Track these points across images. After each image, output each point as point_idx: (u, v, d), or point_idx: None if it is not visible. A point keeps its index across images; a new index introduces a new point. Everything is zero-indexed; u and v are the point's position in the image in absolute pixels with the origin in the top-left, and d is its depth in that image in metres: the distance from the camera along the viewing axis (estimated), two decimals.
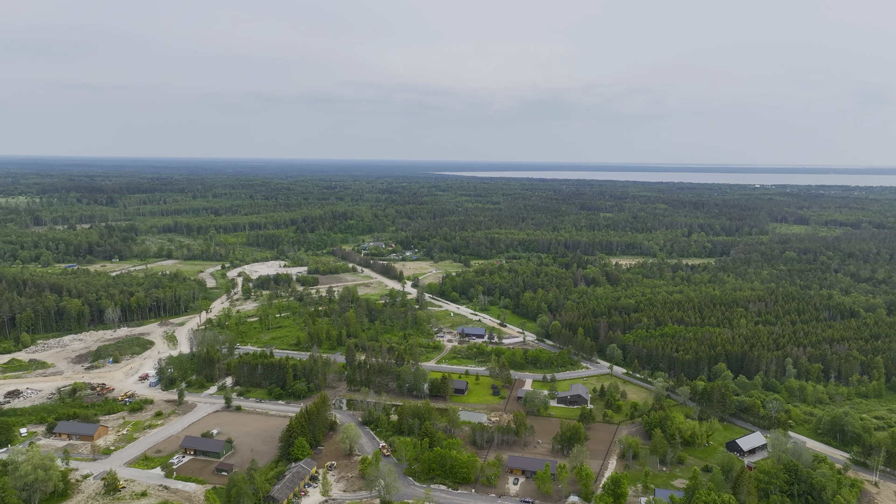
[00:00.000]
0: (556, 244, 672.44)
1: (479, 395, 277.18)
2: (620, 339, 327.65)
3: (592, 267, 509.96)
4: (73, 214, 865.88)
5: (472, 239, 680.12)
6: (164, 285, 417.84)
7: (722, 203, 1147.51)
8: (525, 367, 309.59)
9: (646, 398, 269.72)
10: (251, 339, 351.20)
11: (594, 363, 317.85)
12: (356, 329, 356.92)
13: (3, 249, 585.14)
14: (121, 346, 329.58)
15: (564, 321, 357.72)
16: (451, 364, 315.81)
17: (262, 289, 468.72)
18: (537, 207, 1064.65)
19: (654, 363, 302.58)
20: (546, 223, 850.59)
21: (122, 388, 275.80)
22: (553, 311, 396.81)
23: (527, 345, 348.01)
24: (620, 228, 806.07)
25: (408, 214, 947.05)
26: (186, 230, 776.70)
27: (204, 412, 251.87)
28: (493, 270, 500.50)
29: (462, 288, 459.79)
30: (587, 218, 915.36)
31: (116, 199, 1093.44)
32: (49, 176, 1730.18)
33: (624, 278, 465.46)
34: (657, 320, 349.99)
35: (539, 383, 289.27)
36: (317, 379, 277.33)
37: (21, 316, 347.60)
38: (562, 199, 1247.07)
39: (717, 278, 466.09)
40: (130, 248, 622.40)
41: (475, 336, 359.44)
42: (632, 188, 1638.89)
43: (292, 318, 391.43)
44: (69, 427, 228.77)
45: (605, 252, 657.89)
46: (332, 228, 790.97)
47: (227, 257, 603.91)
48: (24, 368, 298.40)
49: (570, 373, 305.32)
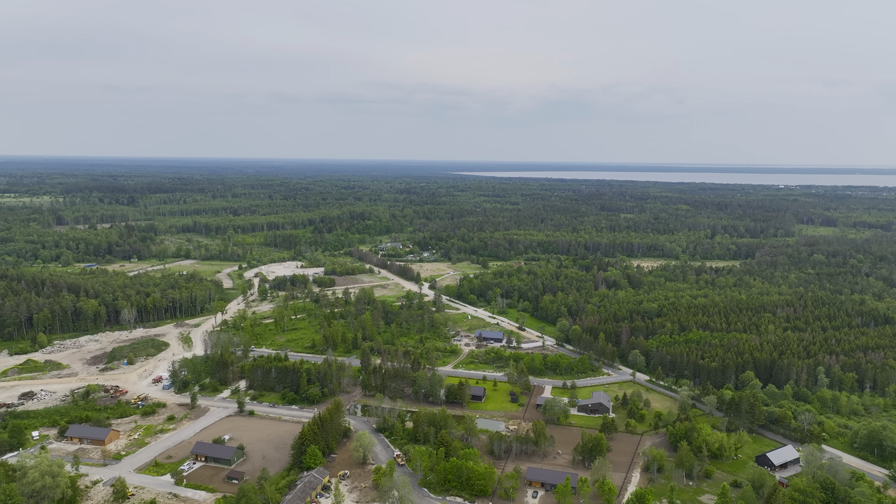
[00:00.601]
0: (575, 246, 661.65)
1: (497, 401, 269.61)
2: (643, 344, 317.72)
3: (613, 269, 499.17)
4: (95, 214, 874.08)
5: (490, 240, 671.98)
6: (180, 286, 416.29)
7: (745, 204, 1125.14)
8: (544, 373, 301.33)
9: (670, 407, 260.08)
10: (266, 341, 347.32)
11: (616, 370, 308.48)
12: (372, 332, 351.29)
13: (25, 249, 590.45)
14: (136, 347, 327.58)
15: (585, 325, 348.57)
16: (468, 369, 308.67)
17: (278, 290, 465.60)
18: (556, 208, 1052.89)
19: (679, 370, 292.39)
20: (565, 224, 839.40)
21: (135, 391, 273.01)
22: (573, 314, 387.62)
23: (546, 349, 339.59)
24: (641, 230, 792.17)
25: (426, 215, 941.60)
26: (205, 230, 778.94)
27: (216, 417, 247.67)
28: (512, 272, 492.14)
29: (480, 290, 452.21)
30: (607, 219, 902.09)
31: (137, 199, 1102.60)
32: (73, 176, 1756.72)
33: (646, 281, 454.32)
34: (681, 325, 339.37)
35: (559, 390, 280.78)
36: (331, 384, 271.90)
37: (38, 316, 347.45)
38: (581, 200, 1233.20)
39: (742, 282, 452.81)
40: (149, 247, 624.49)
41: (493, 340, 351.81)
42: (652, 188, 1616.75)
43: (308, 320, 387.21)
44: (81, 431, 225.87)
45: (625, 254, 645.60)
46: (349, 229, 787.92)
47: (244, 258, 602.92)
48: (39, 369, 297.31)
49: (590, 379, 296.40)
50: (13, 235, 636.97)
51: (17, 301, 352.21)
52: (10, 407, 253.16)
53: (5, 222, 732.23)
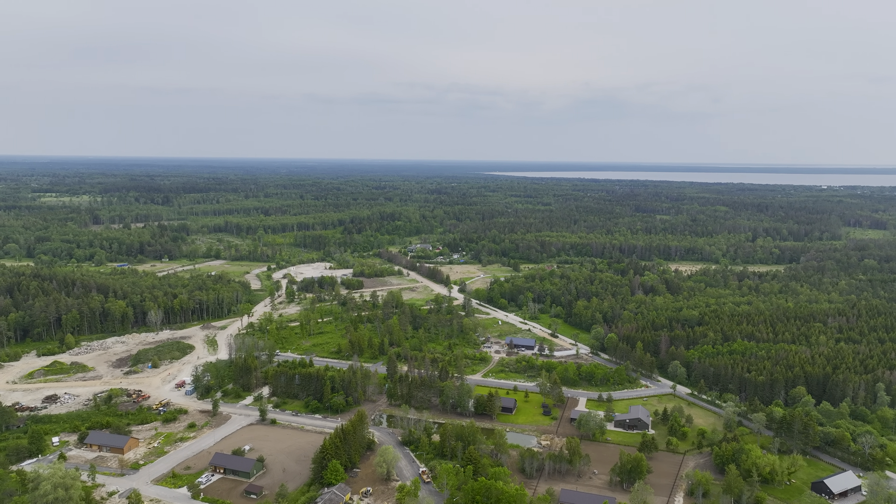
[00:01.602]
0: (610, 248, 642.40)
1: (529, 414, 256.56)
2: (684, 355, 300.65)
3: (650, 274, 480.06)
4: (130, 213, 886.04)
5: (521, 242, 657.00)
6: (207, 287, 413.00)
7: (787, 205, 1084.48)
8: (578, 383, 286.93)
9: (714, 424, 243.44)
10: (292, 345, 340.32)
11: (655, 381, 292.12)
12: (399, 337, 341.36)
13: (60, 248, 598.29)
14: (160, 350, 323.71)
15: (621, 334, 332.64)
16: (498, 378, 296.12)
17: (305, 292, 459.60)
18: (590, 209, 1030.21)
19: (723, 384, 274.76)
20: (599, 226, 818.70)
21: (157, 396, 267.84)
22: (608, 321, 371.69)
23: (580, 358, 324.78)
24: (679, 232, 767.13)
25: (456, 216, 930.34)
26: (236, 230, 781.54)
27: (238, 425, 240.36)
28: (544, 276, 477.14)
29: (511, 294, 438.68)
30: (643, 220, 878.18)
31: (172, 199, 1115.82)
32: (113, 176, 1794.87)
33: (685, 287, 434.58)
34: (724, 335, 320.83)
35: (594, 403, 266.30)
36: (355, 392, 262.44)
37: (67, 317, 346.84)
38: (615, 201, 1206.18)
39: (788, 288, 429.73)
40: (180, 247, 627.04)
41: (524, 347, 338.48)
42: (689, 189, 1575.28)
43: (335, 324, 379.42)
44: (100, 438, 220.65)
45: (662, 257, 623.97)
46: (379, 229, 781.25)
47: (273, 258, 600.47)
48: (64, 371, 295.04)
49: (627, 391, 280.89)
50: (50, 234, 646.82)
51: (47, 301, 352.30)
52: (34, 410, 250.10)
53: (44, 221, 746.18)
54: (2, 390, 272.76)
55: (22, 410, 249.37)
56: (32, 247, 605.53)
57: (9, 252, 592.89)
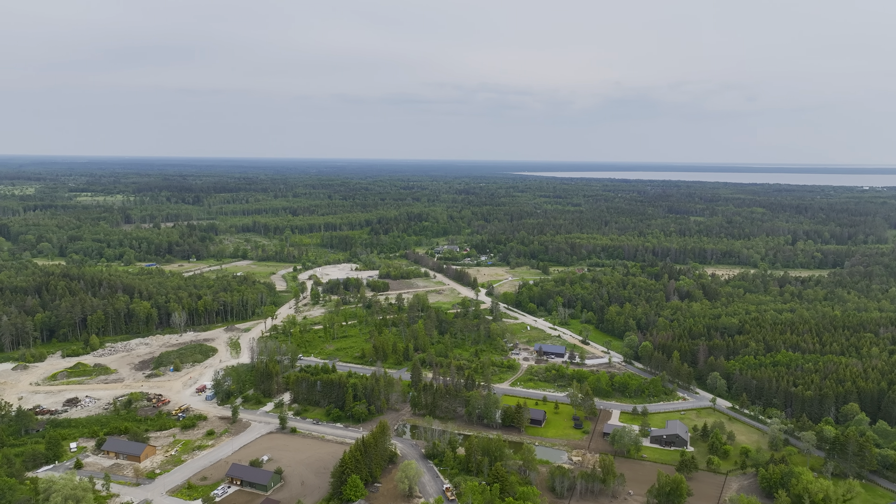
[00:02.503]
0: (642, 251, 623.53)
1: (559, 427, 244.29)
2: (723, 366, 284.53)
3: (686, 278, 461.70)
4: (161, 213, 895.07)
5: (551, 244, 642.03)
6: (232, 289, 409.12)
7: (828, 207, 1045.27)
8: (611, 394, 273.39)
9: (758, 442, 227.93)
10: (315, 349, 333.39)
11: (692, 394, 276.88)
12: (424, 343, 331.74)
13: (91, 247, 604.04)
14: (183, 353, 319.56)
15: (656, 342, 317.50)
16: (526, 387, 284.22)
17: (331, 293, 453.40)
18: (621, 210, 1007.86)
19: (767, 398, 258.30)
20: (631, 227, 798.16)
21: (177, 401, 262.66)
22: (642, 328, 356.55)
23: (612, 367, 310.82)
24: (714, 234, 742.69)
25: (484, 216, 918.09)
26: (264, 230, 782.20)
27: (257, 433, 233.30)
28: (575, 280, 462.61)
29: (540, 298, 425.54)
30: (676, 222, 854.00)
31: (203, 199, 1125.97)
32: (147, 175, 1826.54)
33: (723, 292, 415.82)
34: (767, 345, 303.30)
35: (628, 416, 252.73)
36: (378, 401, 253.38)
37: (92, 318, 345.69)
38: (647, 202, 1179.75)
39: (834, 295, 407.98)
40: (208, 247, 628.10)
41: (554, 355, 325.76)
42: (723, 190, 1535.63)
43: (359, 327, 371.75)
44: (117, 445, 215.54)
45: (697, 261, 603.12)
46: (406, 230, 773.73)
47: (299, 259, 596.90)
48: (87, 374, 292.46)
49: (664, 404, 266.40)
50: (82, 234, 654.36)
51: (73, 302, 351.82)
52: (54, 414, 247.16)
53: (77, 220, 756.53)
54: (25, 392, 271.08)
55: (42, 414, 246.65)
56: (65, 246, 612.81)
57: (42, 251, 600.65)
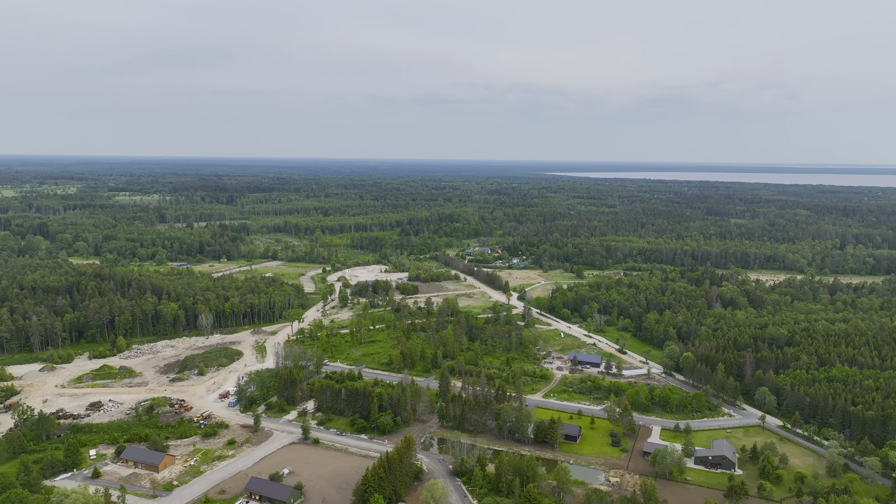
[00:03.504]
0: (681, 254, 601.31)
1: (595, 444, 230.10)
2: (773, 380, 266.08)
3: (728, 284, 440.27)
4: (195, 213, 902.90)
5: (585, 246, 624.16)
6: (259, 290, 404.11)
7: (878, 209, 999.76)
8: (651, 409, 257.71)
9: (814, 467, 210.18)
10: (341, 354, 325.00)
11: (739, 410, 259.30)
12: (454, 349, 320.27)
13: (125, 247, 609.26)
14: (208, 356, 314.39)
15: (699, 353, 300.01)
16: (560, 399, 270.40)
17: (359, 296, 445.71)
18: (657, 212, 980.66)
19: (822, 417, 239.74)
20: (668, 230, 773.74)
21: (200, 407, 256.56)
22: (683, 337, 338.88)
23: (651, 379, 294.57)
24: (756, 237, 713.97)
25: (516, 217, 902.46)
26: (294, 230, 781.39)
27: (279, 443, 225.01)
28: (611, 285, 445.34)
29: (574, 304, 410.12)
30: (715, 224, 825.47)
31: (236, 198, 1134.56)
32: (184, 175, 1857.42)
33: (769, 300, 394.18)
34: (820, 359, 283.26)
35: (669, 433, 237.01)
36: (404, 412, 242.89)
37: (119, 319, 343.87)
38: (685, 203, 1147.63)
39: (891, 304, 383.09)
40: (238, 248, 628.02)
41: (589, 364, 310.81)
42: (764, 191, 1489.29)
43: (387, 332, 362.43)
44: (136, 454, 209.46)
45: (739, 265, 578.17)
46: (436, 231, 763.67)
47: (329, 260, 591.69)
48: (112, 376, 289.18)
49: (708, 421, 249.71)
50: (117, 233, 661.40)
51: (101, 303, 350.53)
52: (76, 418, 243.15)
53: (113, 220, 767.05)
54: (50, 394, 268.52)
55: (65, 418, 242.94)
56: (100, 245, 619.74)
57: (78, 250, 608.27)
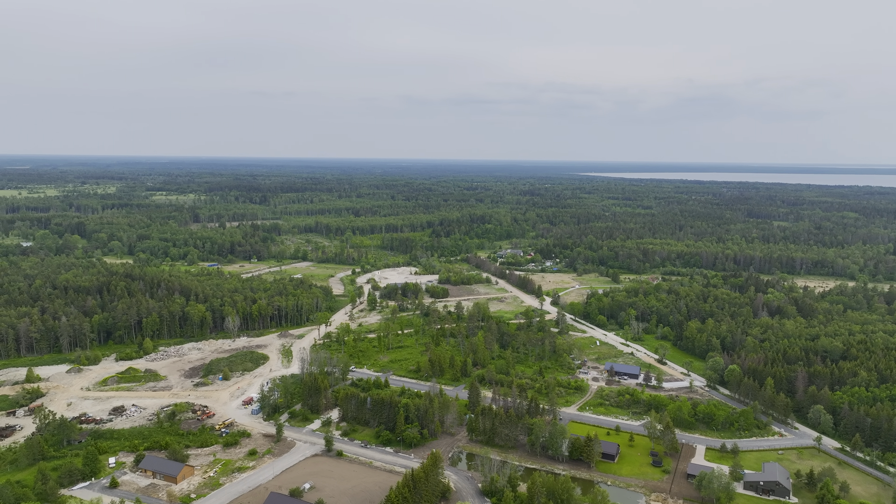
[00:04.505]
0: (722, 259, 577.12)
1: (634, 463, 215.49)
2: (828, 397, 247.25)
3: (775, 291, 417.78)
4: (228, 212, 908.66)
5: (621, 249, 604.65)
6: (287, 293, 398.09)
7: None
8: (695, 426, 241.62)
9: (879, 496, 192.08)
10: (368, 360, 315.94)
11: (791, 429, 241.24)
12: (484, 357, 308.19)
13: (157, 246, 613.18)
14: (233, 360, 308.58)
15: (745, 365, 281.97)
16: (596, 413, 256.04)
17: (388, 299, 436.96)
18: (696, 214, 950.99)
19: (886, 440, 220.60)
20: (708, 232, 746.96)
21: (222, 414, 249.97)
22: (727, 348, 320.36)
23: (694, 392, 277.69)
24: (802, 241, 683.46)
25: (549, 219, 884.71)
26: (325, 230, 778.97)
27: (301, 455, 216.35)
28: (649, 290, 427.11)
29: (610, 310, 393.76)
30: (758, 227, 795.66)
31: (269, 198, 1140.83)
32: (220, 175, 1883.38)
33: (820, 309, 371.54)
34: (880, 375, 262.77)
35: (715, 453, 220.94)
36: (432, 424, 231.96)
37: (147, 321, 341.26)
38: (724, 205, 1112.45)
39: None
40: (269, 248, 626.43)
41: (627, 376, 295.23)
42: (807, 192, 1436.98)
43: (415, 337, 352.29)
44: (154, 463, 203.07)
45: (784, 271, 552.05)
46: (468, 233, 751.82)
47: (359, 261, 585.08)
48: (136, 380, 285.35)
49: (757, 440, 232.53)
50: (150, 233, 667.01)
51: (129, 304, 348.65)
52: (98, 423, 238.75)
53: (148, 219, 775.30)
54: (74, 397, 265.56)
55: (87, 422, 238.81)
56: (133, 244, 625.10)
57: (112, 249, 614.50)
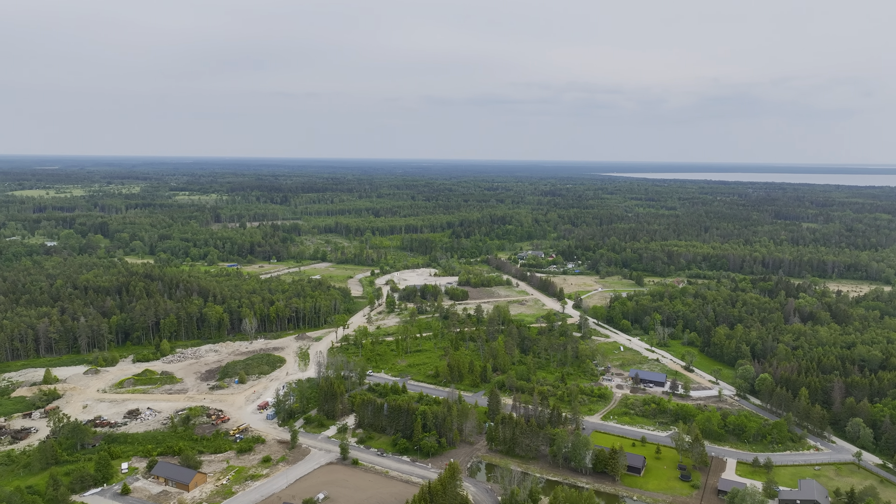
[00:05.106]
0: (750, 261, 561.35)
1: (661, 477, 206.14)
2: (867, 410, 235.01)
3: (806, 296, 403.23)
4: (249, 212, 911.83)
5: (644, 251, 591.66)
6: (305, 294, 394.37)
7: None
8: (725, 438, 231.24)
9: None
10: (386, 364, 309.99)
11: (827, 443, 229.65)
12: (504, 363, 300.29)
13: (178, 246, 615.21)
14: (249, 363, 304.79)
15: (777, 374, 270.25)
16: (621, 422, 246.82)
17: (407, 301, 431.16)
18: (722, 215, 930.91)
19: None
20: (734, 234, 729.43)
21: (237, 418, 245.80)
22: (757, 356, 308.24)
23: (723, 402, 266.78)
24: (833, 244, 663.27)
25: (571, 220, 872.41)
26: (345, 231, 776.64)
27: (315, 463, 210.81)
28: (674, 294, 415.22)
29: (634, 314, 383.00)
30: (786, 229, 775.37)
31: (290, 198, 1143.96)
32: (242, 175, 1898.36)
33: (855, 315, 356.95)
34: None
35: (747, 467, 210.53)
36: (450, 432, 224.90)
37: (164, 322, 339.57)
38: (751, 206, 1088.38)
39: None
40: (288, 248, 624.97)
41: (653, 383, 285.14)
42: (837, 193, 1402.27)
43: (434, 341, 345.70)
44: (167, 470, 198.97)
45: (816, 274, 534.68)
46: (488, 234, 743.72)
47: (378, 262, 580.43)
48: (152, 382, 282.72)
49: (791, 455, 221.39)
50: (172, 233, 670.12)
51: (147, 304, 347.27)
52: (113, 427, 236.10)
53: (170, 219, 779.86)
54: (90, 400, 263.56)
55: (102, 426, 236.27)
56: (155, 244, 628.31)
57: (134, 249, 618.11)
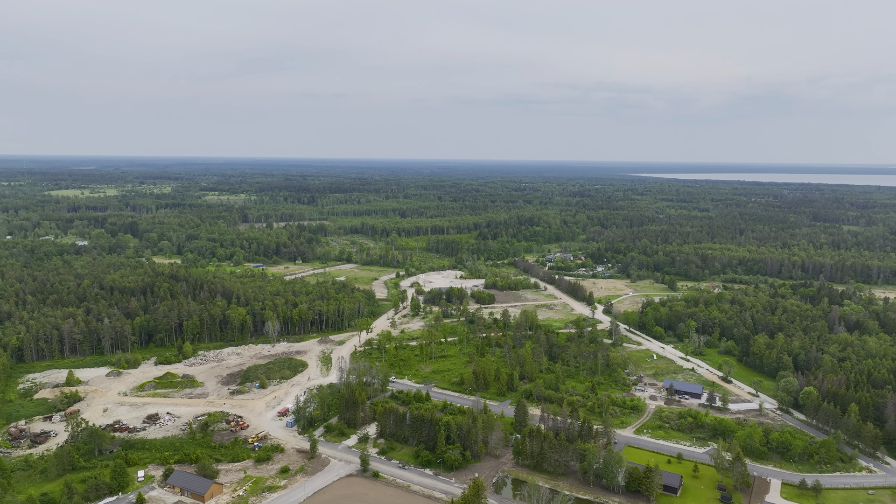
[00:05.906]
0: (788, 266, 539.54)
1: (699, 498, 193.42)
2: None
3: (851, 303, 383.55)
4: (276, 213, 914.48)
5: (677, 255, 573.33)
6: (329, 297, 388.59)
7: None
8: (767, 456, 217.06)
9: None
10: (410, 370, 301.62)
11: (881, 464, 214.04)
12: (532, 370, 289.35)
13: (205, 247, 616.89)
14: (270, 368, 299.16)
15: (823, 388, 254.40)
16: (655, 436, 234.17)
17: (432, 304, 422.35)
18: (757, 217, 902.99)
19: None
20: (771, 237, 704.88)
21: (256, 425, 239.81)
22: (801, 367, 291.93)
23: (764, 416, 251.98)
24: (877, 247, 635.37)
25: (600, 221, 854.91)
26: (371, 232, 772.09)
27: (334, 475, 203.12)
28: (710, 300, 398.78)
29: (668, 321, 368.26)
30: (826, 231, 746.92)
31: (317, 199, 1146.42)
32: (271, 175, 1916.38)
33: None
34: None
35: (793, 490, 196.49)
36: (475, 445, 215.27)
37: (187, 324, 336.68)
38: (787, 207, 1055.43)
39: None
40: (314, 249, 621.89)
41: (688, 395, 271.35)
42: (878, 194, 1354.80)
43: (459, 346, 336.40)
44: (183, 479, 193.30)
45: (860, 280, 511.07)
46: (515, 235, 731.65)
47: (403, 264, 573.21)
48: (173, 385, 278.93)
49: (841, 476, 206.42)
50: (199, 233, 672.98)
51: (171, 306, 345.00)
52: (132, 432, 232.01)
53: (198, 219, 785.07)
54: (111, 403, 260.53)
55: (120, 431, 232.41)
56: (182, 245, 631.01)
57: (162, 249, 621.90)
